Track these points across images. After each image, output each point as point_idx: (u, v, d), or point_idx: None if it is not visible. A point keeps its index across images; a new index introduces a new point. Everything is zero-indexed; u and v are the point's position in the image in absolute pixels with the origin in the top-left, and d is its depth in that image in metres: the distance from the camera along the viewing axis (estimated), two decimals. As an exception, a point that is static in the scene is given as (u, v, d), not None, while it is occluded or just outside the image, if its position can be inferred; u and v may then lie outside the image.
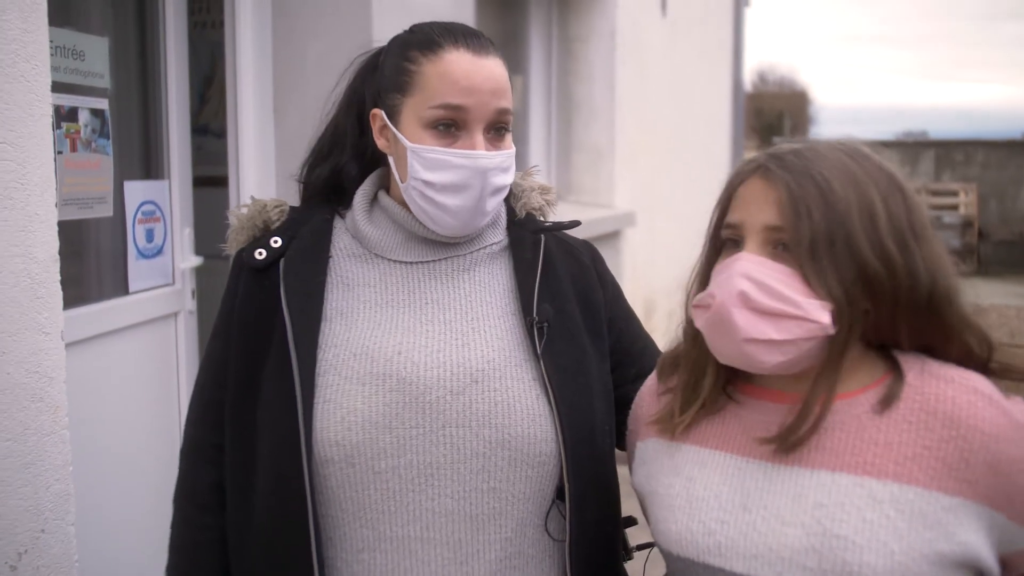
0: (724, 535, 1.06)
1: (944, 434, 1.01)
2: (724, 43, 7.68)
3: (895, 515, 0.99)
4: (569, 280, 1.34)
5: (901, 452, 1.02)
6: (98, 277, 2.55)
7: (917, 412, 1.03)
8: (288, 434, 1.18)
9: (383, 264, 1.30)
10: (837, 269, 1.01)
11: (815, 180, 1.02)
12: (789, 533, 1.02)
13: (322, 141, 1.37)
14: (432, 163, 1.22)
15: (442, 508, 1.20)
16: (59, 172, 1.82)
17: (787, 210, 1.02)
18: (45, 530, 1.65)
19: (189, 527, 1.30)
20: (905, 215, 1.04)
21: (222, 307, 1.33)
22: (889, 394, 1.04)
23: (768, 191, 1.04)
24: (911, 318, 1.05)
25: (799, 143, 1.09)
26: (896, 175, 1.07)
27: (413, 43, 1.27)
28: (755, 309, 1.02)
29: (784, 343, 1.02)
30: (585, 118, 5.36)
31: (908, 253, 1.03)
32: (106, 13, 2.58)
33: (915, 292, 1.03)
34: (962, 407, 1.02)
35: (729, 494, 1.08)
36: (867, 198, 1.02)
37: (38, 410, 1.63)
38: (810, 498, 1.03)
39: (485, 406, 1.20)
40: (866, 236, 1.01)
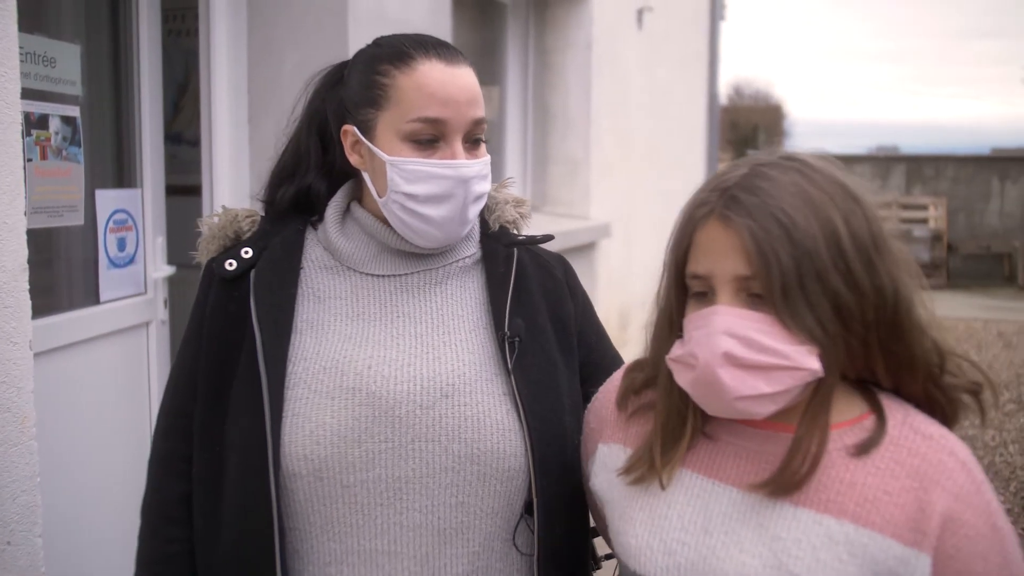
0: (684, 556, 1.05)
1: (907, 484, 1.00)
2: (700, 56, 7.75)
3: (848, 559, 0.98)
4: (541, 294, 1.34)
5: (863, 494, 1.00)
6: (69, 286, 2.53)
7: (888, 460, 1.02)
8: (256, 447, 1.17)
9: (355, 277, 1.29)
10: (812, 309, 0.97)
11: (777, 219, 0.97)
12: (747, 562, 1.01)
13: (283, 161, 1.35)
14: (414, 175, 1.21)
15: (410, 522, 1.20)
16: (29, 180, 1.80)
17: (754, 258, 0.97)
18: (11, 542, 1.63)
19: (157, 539, 1.29)
20: (867, 229, 1.01)
21: (192, 317, 1.32)
22: (869, 441, 1.03)
23: (731, 238, 0.99)
24: (881, 335, 1.02)
25: (748, 168, 1.03)
26: (849, 185, 1.03)
27: (383, 56, 1.26)
28: (742, 366, 0.98)
29: (775, 395, 0.99)
30: (561, 129, 5.38)
31: (873, 270, 1.00)
32: (78, 19, 2.57)
33: (882, 308, 1.01)
34: (933, 464, 1.01)
35: (692, 515, 1.07)
36: (830, 224, 0.98)
37: (4, 420, 1.61)
38: (770, 530, 1.02)
39: (455, 420, 1.20)
40: (835, 267, 0.98)
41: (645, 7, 6.00)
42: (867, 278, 0.99)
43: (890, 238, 1.04)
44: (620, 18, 5.72)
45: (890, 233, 1.05)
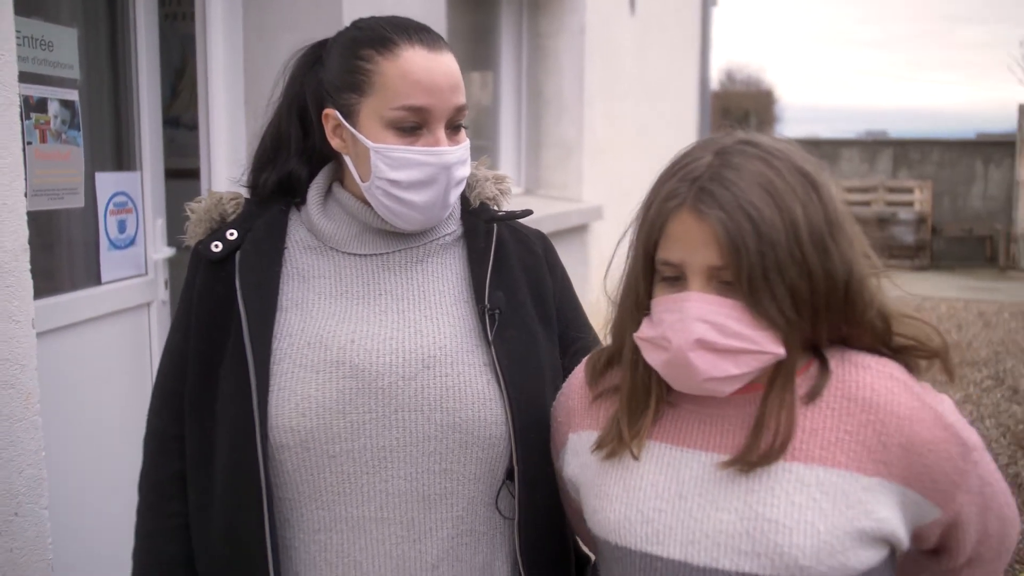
0: (662, 523, 1.07)
1: (863, 419, 1.04)
2: (692, 41, 7.72)
3: (820, 496, 1.02)
4: (521, 268, 1.34)
5: (825, 437, 1.04)
6: (70, 267, 2.53)
7: (839, 399, 1.06)
8: (244, 421, 1.18)
9: (338, 256, 1.29)
10: (774, 297, 1.01)
11: (747, 213, 1.00)
12: (723, 519, 1.04)
13: (264, 145, 1.34)
14: (398, 162, 1.21)
15: (395, 489, 1.21)
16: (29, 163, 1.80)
17: (726, 250, 1.00)
18: (19, 513, 1.64)
19: (153, 514, 1.30)
20: (823, 216, 1.03)
21: (181, 299, 1.32)
22: (816, 387, 1.06)
23: (704, 231, 1.01)
24: (832, 315, 1.05)
25: (712, 154, 1.05)
26: (809, 172, 1.05)
27: (364, 41, 1.24)
28: (714, 350, 1.02)
29: (741, 376, 1.04)
30: (555, 114, 5.37)
31: (826, 255, 1.02)
32: (75, 3, 2.55)
33: (834, 292, 1.03)
34: (880, 393, 1.05)
35: (665, 483, 1.09)
36: (791, 215, 1.01)
37: (10, 396, 1.62)
38: (741, 485, 1.04)
39: (436, 391, 1.21)
40: (791, 257, 1.00)
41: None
42: (819, 265, 1.02)
43: (846, 220, 1.07)
44: (613, 3, 5.70)
45: (845, 213, 1.07)
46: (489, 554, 1.27)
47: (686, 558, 1.05)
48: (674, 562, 1.05)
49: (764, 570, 1.01)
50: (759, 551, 1.01)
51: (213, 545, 1.25)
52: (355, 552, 1.21)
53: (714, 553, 1.04)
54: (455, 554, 1.23)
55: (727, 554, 1.03)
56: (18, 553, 1.64)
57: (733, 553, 1.03)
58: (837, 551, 1.00)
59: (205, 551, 1.26)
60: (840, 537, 1.01)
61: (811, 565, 1.00)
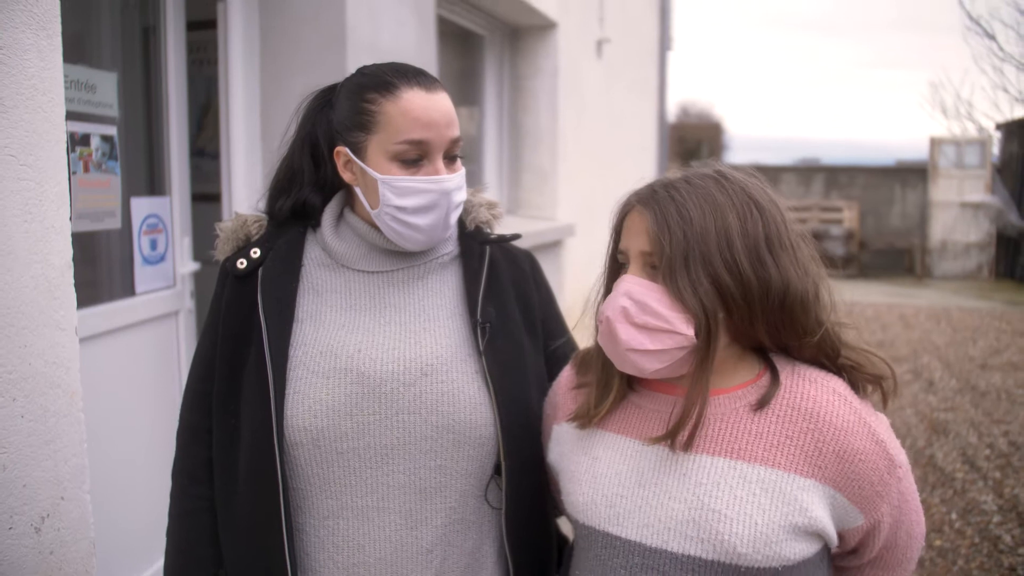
0: (622, 507, 1.07)
1: (804, 426, 1.03)
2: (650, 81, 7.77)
3: (760, 492, 1.02)
4: (511, 285, 1.33)
5: (769, 440, 1.04)
6: (108, 281, 2.52)
7: (785, 408, 1.05)
8: (263, 420, 1.18)
9: (348, 273, 1.28)
10: (693, 285, 1.01)
11: (678, 211, 1.02)
12: (674, 507, 1.04)
13: (278, 177, 1.34)
14: (403, 191, 1.21)
15: (396, 482, 1.20)
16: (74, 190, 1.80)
17: (653, 237, 1.03)
18: (64, 497, 1.63)
19: (184, 497, 1.30)
20: (762, 232, 1.03)
21: (210, 310, 1.32)
22: (766, 396, 1.06)
23: (642, 221, 1.05)
24: (765, 321, 1.04)
25: (682, 175, 1.08)
26: (756, 196, 1.06)
27: (369, 85, 1.24)
28: (634, 323, 1.03)
29: (659, 352, 1.03)
30: (532, 144, 5.39)
31: (762, 266, 1.02)
32: (115, 51, 2.55)
33: (767, 299, 1.02)
34: (822, 405, 1.04)
35: (627, 472, 1.09)
36: (724, 222, 1.02)
37: (56, 395, 1.62)
38: (692, 477, 1.04)
39: (433, 396, 1.20)
40: (720, 255, 1.01)
41: (604, 38, 6.02)
42: (752, 271, 1.02)
43: (795, 242, 1.06)
44: (582, 48, 5.74)
45: (797, 239, 1.07)
46: (478, 540, 1.27)
47: (641, 539, 1.05)
48: (631, 542, 1.05)
49: (707, 554, 1.01)
50: (703, 537, 1.01)
51: (236, 526, 1.25)
52: (359, 537, 1.21)
53: (665, 536, 1.03)
54: (448, 540, 1.23)
55: (676, 538, 1.03)
56: (65, 532, 1.64)
57: (681, 538, 1.02)
58: (772, 542, 1.00)
59: (229, 531, 1.26)
60: (775, 530, 1.00)
61: (748, 552, 1.00)
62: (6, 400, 1.50)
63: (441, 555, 1.23)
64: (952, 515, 3.84)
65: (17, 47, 1.51)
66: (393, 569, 1.21)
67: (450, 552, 1.24)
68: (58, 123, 1.61)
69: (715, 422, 1.07)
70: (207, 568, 1.27)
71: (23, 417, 1.54)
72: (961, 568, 3.36)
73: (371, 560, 1.21)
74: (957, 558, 3.44)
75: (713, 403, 1.07)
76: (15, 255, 1.52)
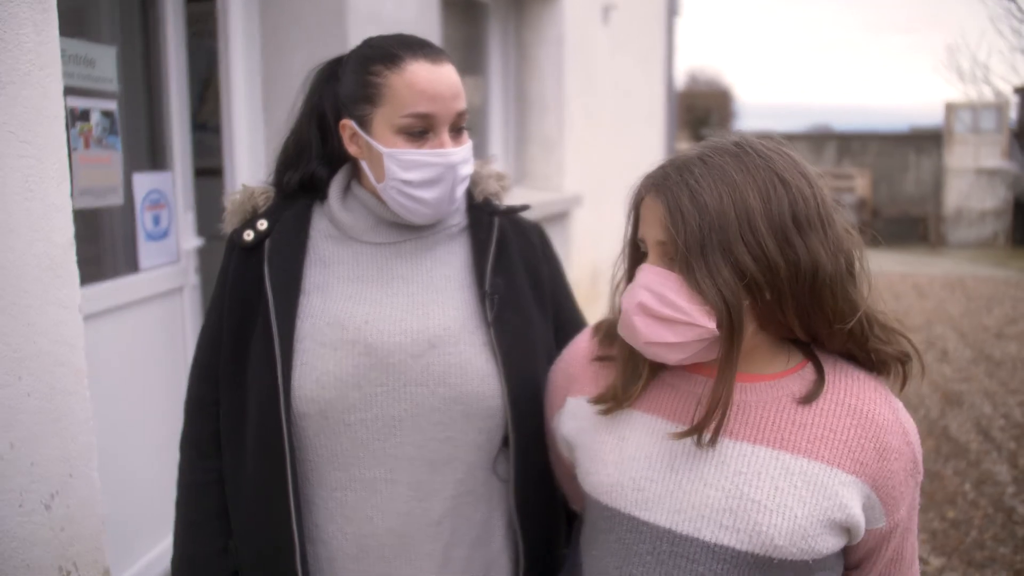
0: (652, 491, 1.04)
1: (848, 422, 1.02)
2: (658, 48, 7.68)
3: (801, 485, 0.99)
4: (519, 257, 1.33)
5: (812, 433, 1.02)
6: (112, 257, 2.54)
7: (829, 402, 1.03)
8: (270, 392, 1.19)
9: (356, 245, 1.28)
10: (712, 275, 0.96)
11: (691, 196, 0.97)
12: (710, 494, 1.01)
13: (287, 150, 1.33)
14: (409, 164, 1.20)
15: (404, 454, 1.21)
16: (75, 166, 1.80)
17: (667, 225, 0.99)
18: (73, 475, 1.65)
19: (192, 469, 1.31)
20: (788, 210, 0.98)
21: (217, 282, 1.32)
22: (812, 392, 1.03)
23: (656, 209, 1.01)
24: (795, 306, 1.00)
25: (698, 152, 1.03)
26: (780, 170, 1.00)
27: (374, 57, 1.23)
28: (653, 316, 1.00)
29: (680, 344, 1.00)
30: (538, 113, 5.35)
31: (790, 247, 0.97)
32: (114, 24, 2.53)
33: (796, 282, 0.98)
34: (865, 401, 1.03)
35: (659, 455, 1.05)
36: (744, 204, 0.96)
37: (62, 373, 1.63)
38: (731, 465, 1.01)
39: (441, 367, 1.20)
40: (742, 240, 0.96)
41: (610, 5, 5.94)
42: (779, 253, 0.97)
43: (827, 217, 1.01)
44: (588, 15, 5.67)
45: (829, 213, 1.02)
46: (487, 512, 1.28)
47: (672, 526, 1.02)
48: (660, 528, 1.03)
49: (741, 545, 0.99)
50: (740, 527, 0.99)
51: (244, 498, 1.26)
52: (368, 509, 1.22)
53: (698, 524, 1.01)
54: (457, 512, 1.24)
55: (709, 527, 1.00)
56: (75, 509, 1.66)
57: (715, 526, 1.00)
58: (809, 535, 0.98)
59: (237, 503, 1.27)
60: (814, 523, 0.99)
61: (785, 545, 0.98)
62: (12, 379, 1.51)
63: (450, 527, 1.24)
64: (966, 486, 3.86)
65: (13, 21, 1.49)
66: (403, 540, 1.22)
67: (459, 524, 1.25)
68: (56, 98, 1.61)
69: (757, 409, 1.03)
70: (216, 540, 1.29)
71: (30, 396, 1.55)
72: (975, 539, 3.37)
73: (380, 531, 1.22)
74: (971, 529, 3.46)
75: (755, 389, 1.05)
76: (17, 233, 1.52)
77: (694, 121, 21.42)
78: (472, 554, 1.27)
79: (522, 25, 5.27)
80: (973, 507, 3.66)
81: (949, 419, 4.78)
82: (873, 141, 14.20)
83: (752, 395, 1.04)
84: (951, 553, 3.27)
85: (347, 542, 1.23)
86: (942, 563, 3.20)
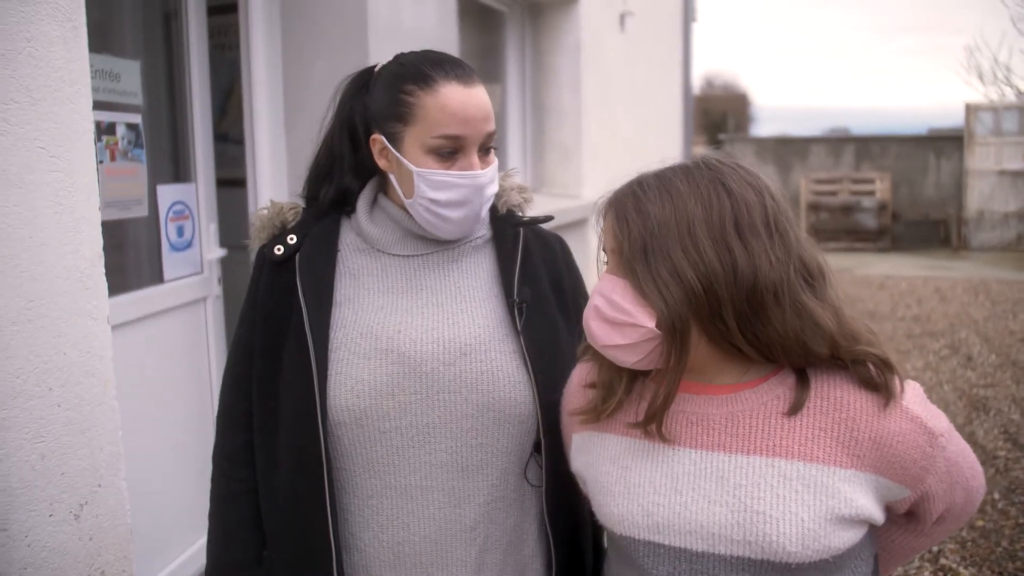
0: (661, 516, 1.05)
1: (836, 417, 1.01)
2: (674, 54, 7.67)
3: (802, 489, 1.00)
4: (543, 266, 1.35)
5: (802, 434, 1.01)
6: (137, 268, 2.56)
7: (815, 400, 1.03)
8: (307, 402, 1.20)
9: (384, 257, 1.30)
10: (653, 277, 1.00)
11: (635, 205, 1.03)
12: (716, 512, 1.02)
13: (319, 161, 1.35)
14: (438, 184, 1.22)
15: (438, 461, 1.22)
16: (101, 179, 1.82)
17: (615, 234, 1.04)
18: (101, 485, 1.67)
19: (226, 480, 1.33)
20: (730, 216, 1.00)
21: (247, 296, 1.34)
22: (797, 401, 1.03)
23: (609, 219, 1.07)
24: (735, 313, 0.99)
25: (656, 170, 1.07)
26: (729, 182, 1.02)
27: (406, 76, 1.24)
28: (605, 319, 1.04)
29: (630, 346, 1.03)
30: (555, 121, 5.36)
31: (728, 251, 0.99)
32: (137, 39, 2.57)
33: (735, 287, 0.98)
34: (850, 393, 1.02)
35: (662, 479, 1.06)
36: (684, 211, 1.00)
37: (91, 384, 1.65)
38: (731, 479, 1.02)
39: (473, 375, 1.22)
40: (680, 245, 0.99)
41: (626, 12, 5.94)
42: (716, 258, 0.98)
43: (775, 227, 1.01)
44: (605, 22, 5.67)
45: (784, 225, 1.02)
46: (519, 517, 1.29)
47: (686, 545, 1.03)
48: (676, 548, 1.04)
49: (756, 555, 1.00)
50: (750, 540, 0.99)
51: (279, 508, 1.27)
52: (403, 515, 1.23)
53: (711, 541, 1.02)
54: (490, 517, 1.25)
55: (722, 542, 1.01)
56: (103, 519, 1.67)
57: (727, 542, 1.01)
58: (820, 536, 0.98)
59: (271, 513, 1.28)
60: (822, 524, 0.99)
61: (798, 551, 0.98)
62: (43, 390, 1.53)
63: (484, 532, 1.25)
64: (995, 495, 3.80)
65: (43, 39, 1.52)
66: (438, 547, 1.24)
67: (492, 529, 1.26)
68: (86, 113, 1.63)
69: (744, 419, 1.04)
70: (250, 550, 1.30)
71: (60, 406, 1.57)
72: (1005, 549, 3.32)
73: (416, 538, 1.23)
74: (1001, 539, 3.40)
75: (739, 399, 1.05)
76: (47, 246, 1.54)
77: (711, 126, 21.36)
78: (505, 559, 1.28)
79: (539, 33, 5.29)
80: (1003, 516, 3.60)
81: (975, 426, 4.71)
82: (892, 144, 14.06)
83: (738, 405, 1.05)
84: (981, 564, 3.22)
85: (383, 549, 1.24)
86: (972, 573, 3.15)
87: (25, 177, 1.49)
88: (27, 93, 1.49)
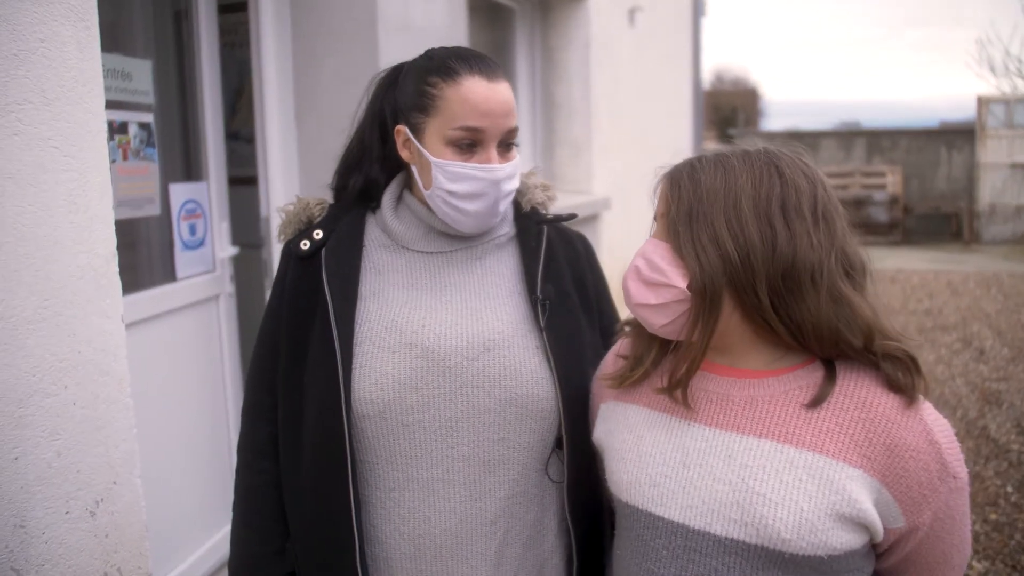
0: (666, 487, 1.06)
1: (856, 415, 1.01)
2: (684, 48, 7.63)
3: (807, 479, 0.99)
4: (566, 264, 1.35)
5: (819, 426, 1.01)
6: (150, 267, 2.57)
7: (838, 395, 1.03)
8: (331, 395, 1.21)
9: (408, 253, 1.31)
10: (693, 242, 1.03)
11: (691, 174, 1.06)
12: (719, 489, 1.03)
13: (350, 151, 1.37)
14: (454, 176, 1.23)
15: (460, 455, 1.23)
16: (114, 178, 1.83)
17: (667, 199, 1.08)
18: (117, 482, 1.68)
19: (250, 472, 1.33)
20: (778, 196, 1.02)
21: (273, 290, 1.35)
22: (820, 394, 1.03)
23: (664, 187, 1.10)
24: (768, 289, 1.00)
25: (717, 150, 1.10)
26: (783, 165, 1.04)
27: (432, 69, 1.25)
28: (642, 280, 1.08)
29: (661, 306, 1.06)
30: (565, 117, 5.34)
31: (770, 229, 1.00)
32: (148, 39, 2.57)
33: (772, 264, 1.00)
34: (876, 395, 1.02)
35: (672, 452, 1.08)
36: (734, 184, 1.03)
37: (105, 382, 1.65)
38: (738, 459, 1.03)
39: (496, 370, 1.23)
40: (724, 216, 1.02)
41: (636, 7, 5.92)
42: (757, 232, 1.01)
43: (822, 214, 1.02)
44: (614, 18, 5.65)
45: (826, 213, 1.02)
46: (539, 512, 1.29)
47: (684, 521, 1.04)
48: (674, 523, 1.05)
49: (751, 539, 1.00)
50: (747, 521, 1.00)
51: (302, 500, 1.28)
52: (425, 508, 1.24)
53: (708, 519, 1.02)
54: (511, 512, 1.26)
55: (719, 521, 1.02)
56: (119, 516, 1.68)
57: (725, 521, 1.01)
58: (817, 529, 0.98)
59: (295, 505, 1.29)
60: (821, 517, 0.98)
61: (792, 539, 0.98)
62: (59, 388, 1.54)
63: (504, 527, 1.26)
64: (1008, 488, 3.77)
65: (56, 40, 1.52)
66: (458, 540, 1.24)
67: (513, 524, 1.26)
68: (98, 113, 1.63)
69: (764, 404, 1.05)
70: (273, 542, 1.31)
71: (75, 404, 1.58)
72: (1018, 543, 3.30)
73: (436, 531, 1.24)
74: (1014, 532, 3.38)
75: (763, 385, 1.06)
76: (61, 245, 1.55)
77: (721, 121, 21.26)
78: (525, 553, 1.28)
79: (548, 29, 5.27)
80: (1016, 509, 3.57)
81: (988, 419, 4.67)
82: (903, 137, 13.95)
83: (760, 390, 1.05)
84: (994, 557, 3.19)
85: (403, 541, 1.25)
86: (985, 567, 3.12)
87: (39, 176, 1.50)
88: (40, 93, 1.49)
